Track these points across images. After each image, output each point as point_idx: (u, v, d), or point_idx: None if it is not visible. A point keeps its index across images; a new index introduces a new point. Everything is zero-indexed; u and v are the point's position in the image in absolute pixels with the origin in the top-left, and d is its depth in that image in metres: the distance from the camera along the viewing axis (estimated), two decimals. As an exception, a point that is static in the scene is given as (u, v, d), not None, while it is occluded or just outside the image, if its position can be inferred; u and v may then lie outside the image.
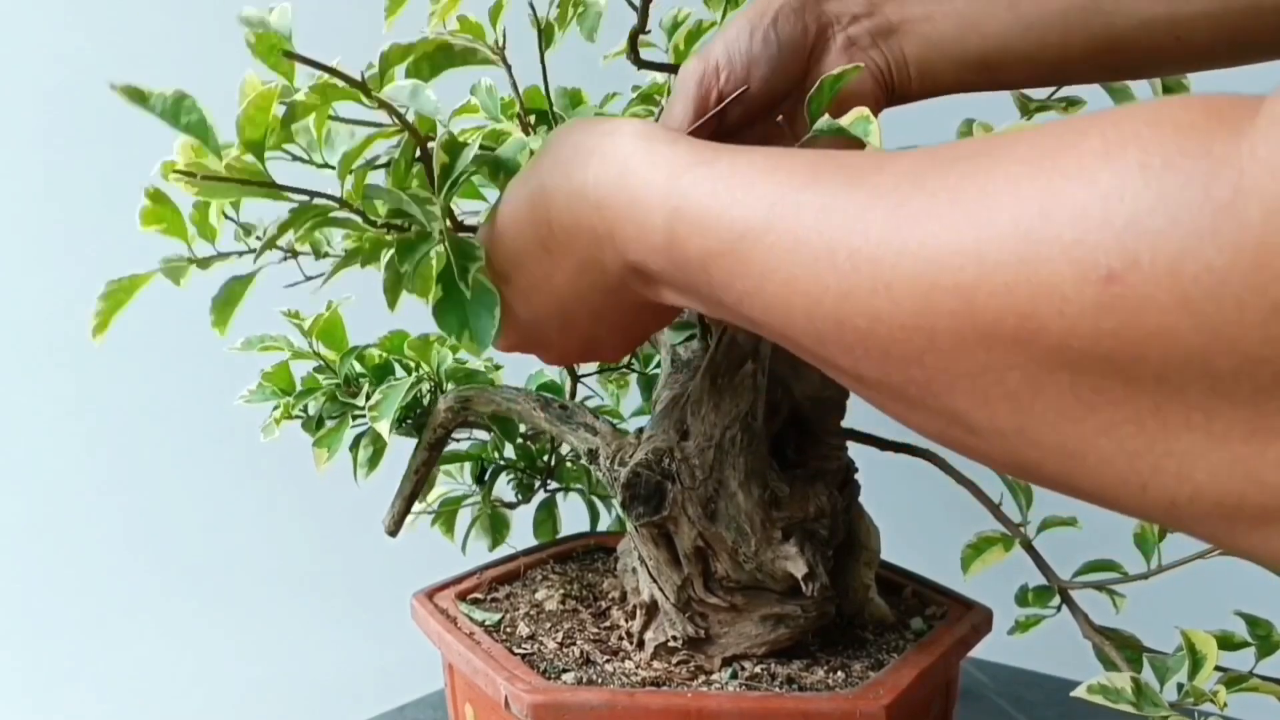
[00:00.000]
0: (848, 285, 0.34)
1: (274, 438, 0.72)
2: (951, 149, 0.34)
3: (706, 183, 0.41)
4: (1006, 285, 0.29)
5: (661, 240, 0.43)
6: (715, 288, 0.41)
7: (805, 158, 0.39)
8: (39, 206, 1.15)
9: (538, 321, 0.53)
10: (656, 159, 0.44)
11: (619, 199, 0.45)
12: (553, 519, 0.85)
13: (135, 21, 1.14)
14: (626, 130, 0.47)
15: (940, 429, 0.35)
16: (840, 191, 0.36)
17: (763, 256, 0.38)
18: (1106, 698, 0.53)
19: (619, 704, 0.56)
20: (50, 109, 1.13)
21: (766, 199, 0.38)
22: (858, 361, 0.35)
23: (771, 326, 0.39)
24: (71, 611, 1.20)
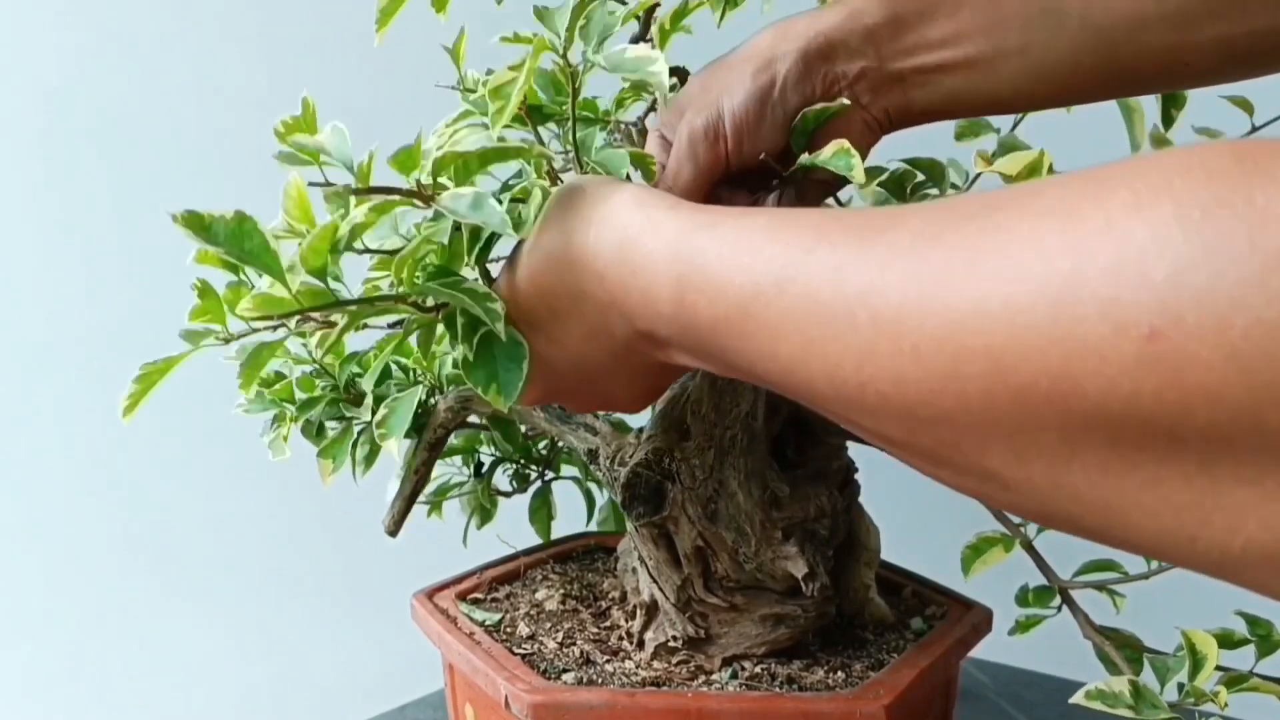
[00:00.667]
0: (869, 347, 0.33)
1: (284, 457, 0.72)
2: (964, 203, 0.33)
3: (712, 247, 0.40)
4: (1039, 346, 0.28)
5: (669, 308, 0.42)
6: (728, 352, 0.40)
7: (810, 217, 0.38)
8: (41, 207, 1.15)
9: (551, 378, 0.53)
10: (658, 226, 0.44)
11: (621, 270, 0.44)
12: (548, 507, 0.85)
13: (136, 21, 1.14)
14: (624, 197, 0.46)
15: (972, 486, 0.34)
16: (854, 250, 0.35)
17: (776, 320, 0.37)
18: (1105, 703, 0.53)
19: (619, 704, 0.56)
20: (50, 108, 1.13)
21: (776, 261, 0.37)
22: (882, 424, 0.34)
23: (790, 387, 0.38)
24: (71, 611, 1.20)
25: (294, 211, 0.47)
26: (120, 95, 1.14)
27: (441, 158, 0.47)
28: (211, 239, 0.44)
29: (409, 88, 0.63)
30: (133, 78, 1.14)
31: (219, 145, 1.16)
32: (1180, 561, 0.29)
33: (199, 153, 1.16)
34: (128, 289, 1.17)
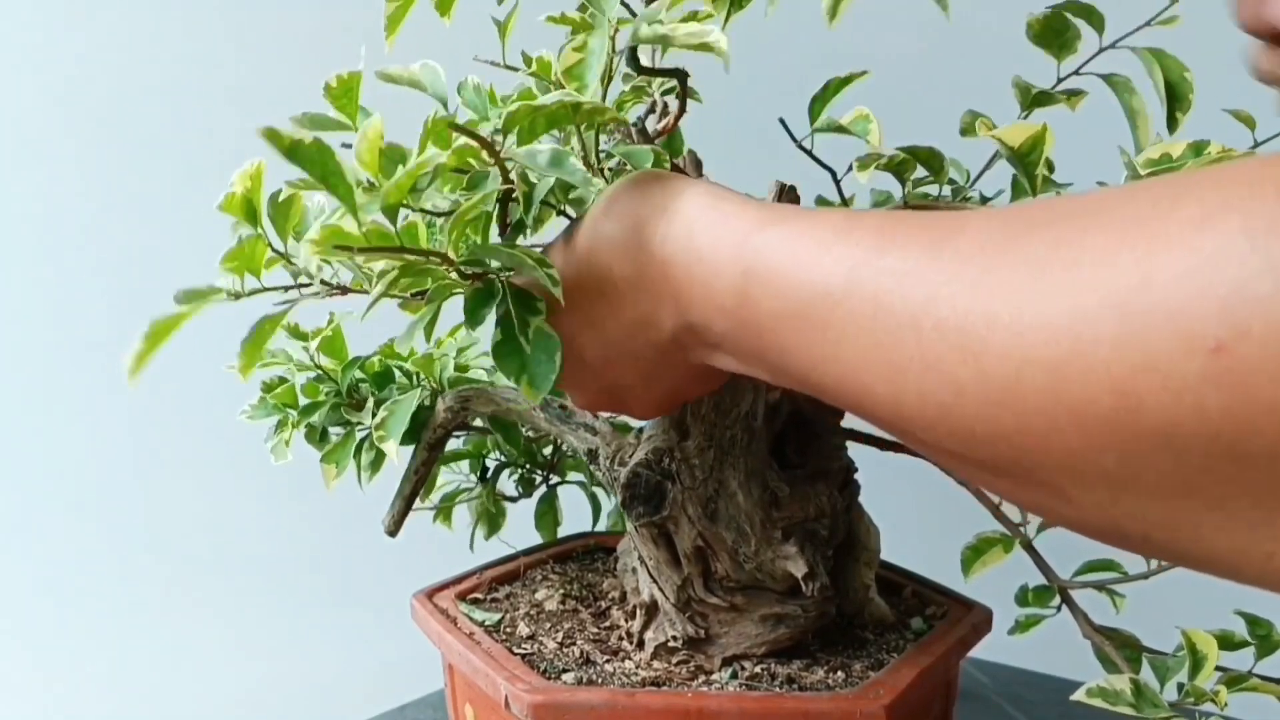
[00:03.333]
0: (933, 356, 0.33)
1: (286, 460, 0.72)
2: (1031, 212, 0.32)
3: (781, 243, 0.40)
4: (1102, 361, 0.28)
5: (730, 301, 0.42)
6: (784, 352, 0.40)
7: (878, 218, 0.38)
8: (43, 208, 1.15)
9: (577, 363, 0.52)
10: (727, 218, 0.43)
11: (686, 258, 0.44)
12: (554, 511, 0.85)
13: (142, 22, 1.14)
14: (696, 190, 0.46)
15: (1031, 499, 0.33)
16: (921, 257, 0.34)
17: (840, 321, 0.36)
18: (1106, 700, 0.53)
19: (619, 704, 0.56)
20: (52, 109, 1.13)
21: (844, 262, 0.37)
22: (940, 437, 0.34)
23: (844, 393, 0.38)
24: (72, 611, 1.20)
25: (364, 155, 0.46)
26: (126, 96, 1.14)
27: (515, 111, 0.46)
28: (296, 157, 0.43)
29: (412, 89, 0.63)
30: (137, 78, 1.14)
31: (223, 146, 1.16)
32: (1252, 579, 0.29)
33: (204, 154, 1.16)
34: (132, 289, 1.17)
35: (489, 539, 0.83)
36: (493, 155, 0.47)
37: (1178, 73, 0.64)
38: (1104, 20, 0.65)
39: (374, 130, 0.45)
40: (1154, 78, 0.63)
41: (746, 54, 0.56)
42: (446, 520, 0.83)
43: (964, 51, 1.01)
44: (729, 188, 0.48)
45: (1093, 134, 0.69)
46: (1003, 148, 0.56)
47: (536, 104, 0.46)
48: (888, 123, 0.66)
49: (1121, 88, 0.66)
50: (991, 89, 0.70)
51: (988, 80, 0.73)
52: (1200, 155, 0.55)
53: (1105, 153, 0.65)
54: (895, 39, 0.99)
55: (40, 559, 1.19)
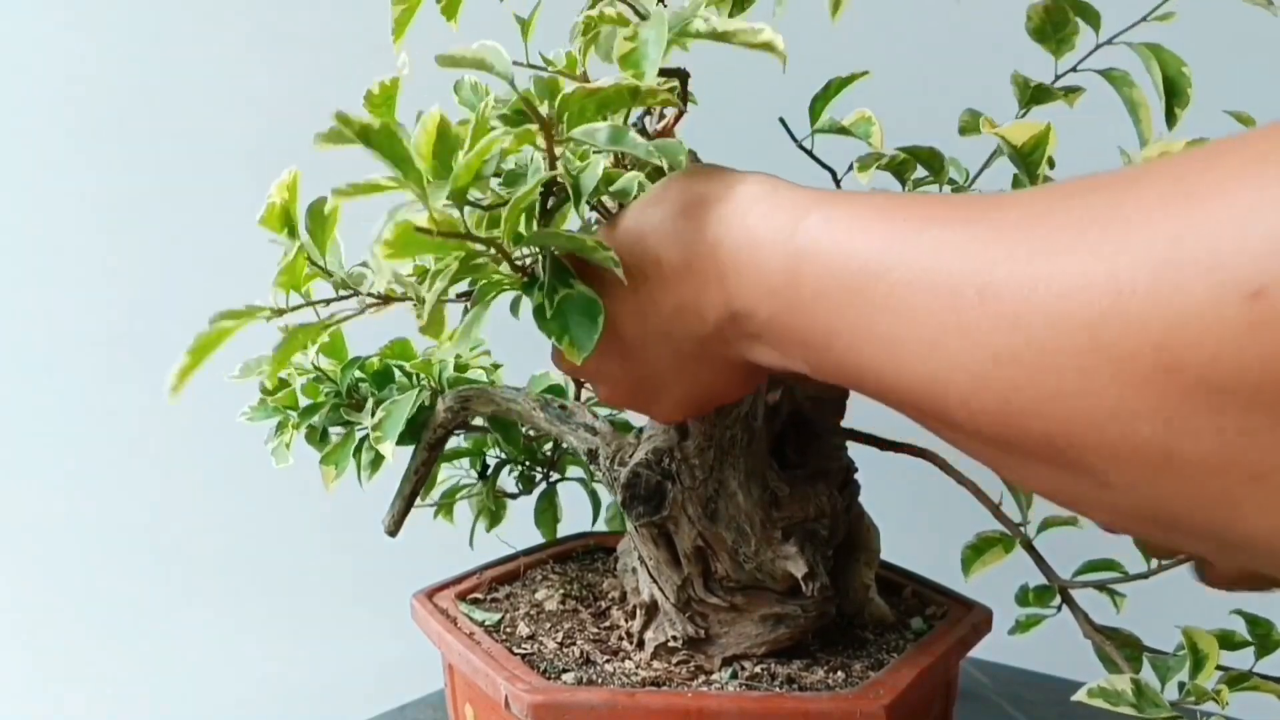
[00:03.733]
0: (972, 321, 0.32)
1: (287, 464, 0.72)
2: (1068, 185, 0.32)
3: (831, 223, 0.40)
4: (1141, 315, 0.27)
5: (779, 281, 0.42)
6: (829, 333, 0.40)
7: (921, 198, 0.38)
8: (46, 207, 1.15)
9: (609, 349, 0.52)
10: (782, 204, 0.43)
11: (738, 239, 0.44)
12: (554, 509, 0.85)
13: (153, 22, 1.14)
14: (751, 178, 0.46)
15: (1065, 485, 0.33)
16: (962, 228, 0.34)
17: (883, 293, 0.36)
18: (1107, 700, 0.53)
19: (619, 704, 0.56)
20: (56, 109, 1.13)
21: (890, 237, 0.37)
22: (975, 413, 0.33)
23: (883, 375, 0.37)
24: (73, 611, 1.20)
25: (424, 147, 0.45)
26: (129, 97, 1.14)
27: (571, 95, 0.46)
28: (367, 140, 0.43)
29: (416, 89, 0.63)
30: (143, 79, 1.14)
31: (229, 148, 1.16)
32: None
33: (209, 155, 1.16)
34: (136, 290, 1.17)
35: (489, 531, 0.83)
36: (548, 138, 0.47)
37: (1175, 68, 0.63)
38: (1100, 17, 0.65)
39: (432, 120, 0.45)
40: (1152, 73, 0.63)
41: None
42: (448, 516, 0.84)
43: (963, 52, 1.01)
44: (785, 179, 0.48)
45: (1091, 133, 0.69)
46: (1005, 146, 0.56)
47: (592, 88, 0.45)
48: (887, 122, 0.66)
49: (1120, 81, 0.66)
50: (990, 89, 0.70)
51: (986, 80, 0.73)
52: (1199, 154, 0.55)
53: (1103, 152, 0.65)
54: (895, 39, 0.99)
55: (41, 559, 1.19)
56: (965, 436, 0.36)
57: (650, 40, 0.45)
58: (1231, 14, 0.61)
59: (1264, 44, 0.75)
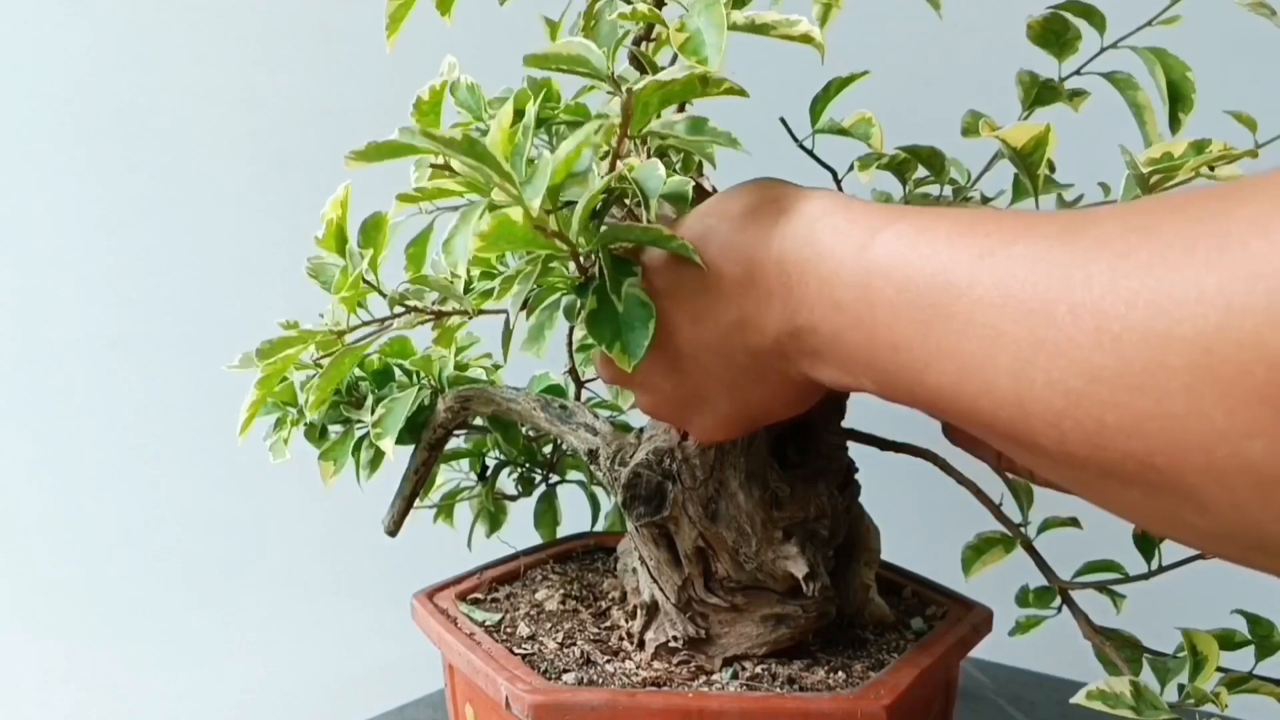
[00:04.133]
0: (1065, 340, 0.31)
1: (285, 459, 0.72)
2: (1168, 199, 0.31)
3: (904, 238, 0.39)
4: (1254, 333, 0.26)
5: (848, 296, 0.41)
6: (898, 349, 0.39)
7: (1008, 214, 0.37)
8: (46, 207, 1.15)
9: (660, 359, 0.51)
10: (853, 215, 0.43)
11: (805, 253, 0.43)
12: (553, 510, 0.85)
13: (148, 22, 1.14)
14: (819, 193, 0.45)
15: (1158, 508, 0.32)
16: (1054, 245, 0.33)
17: (966, 310, 0.35)
18: (1106, 703, 0.53)
19: (620, 704, 0.56)
20: (55, 109, 1.13)
21: (971, 251, 0.36)
22: (1065, 434, 0.32)
23: (961, 392, 0.36)
24: (71, 611, 1.20)
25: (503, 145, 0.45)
26: (131, 97, 1.14)
27: (644, 89, 0.45)
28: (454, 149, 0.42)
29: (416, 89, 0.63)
30: (142, 79, 1.14)
31: (226, 147, 1.16)
32: None
33: (206, 154, 1.16)
34: (135, 289, 1.17)
35: (490, 536, 0.83)
36: (622, 135, 0.47)
37: (1180, 72, 0.63)
38: (1105, 20, 0.65)
39: (507, 116, 0.45)
40: (1156, 78, 0.63)
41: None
42: (448, 518, 0.84)
43: (965, 52, 1.01)
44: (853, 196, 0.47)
45: (1092, 134, 0.69)
46: (1005, 148, 0.56)
47: (664, 80, 0.45)
48: (888, 123, 0.66)
49: (1124, 84, 0.66)
50: (992, 89, 0.70)
51: (989, 80, 0.73)
52: (1202, 154, 0.55)
53: (1104, 153, 0.65)
54: (896, 39, 0.99)
55: (41, 559, 1.19)
56: (1050, 459, 0.34)
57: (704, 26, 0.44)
58: (1233, 15, 0.61)
59: (1264, 44, 0.75)
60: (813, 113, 0.65)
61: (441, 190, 0.45)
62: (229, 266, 1.18)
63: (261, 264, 1.17)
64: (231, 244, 1.18)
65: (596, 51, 0.47)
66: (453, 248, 0.45)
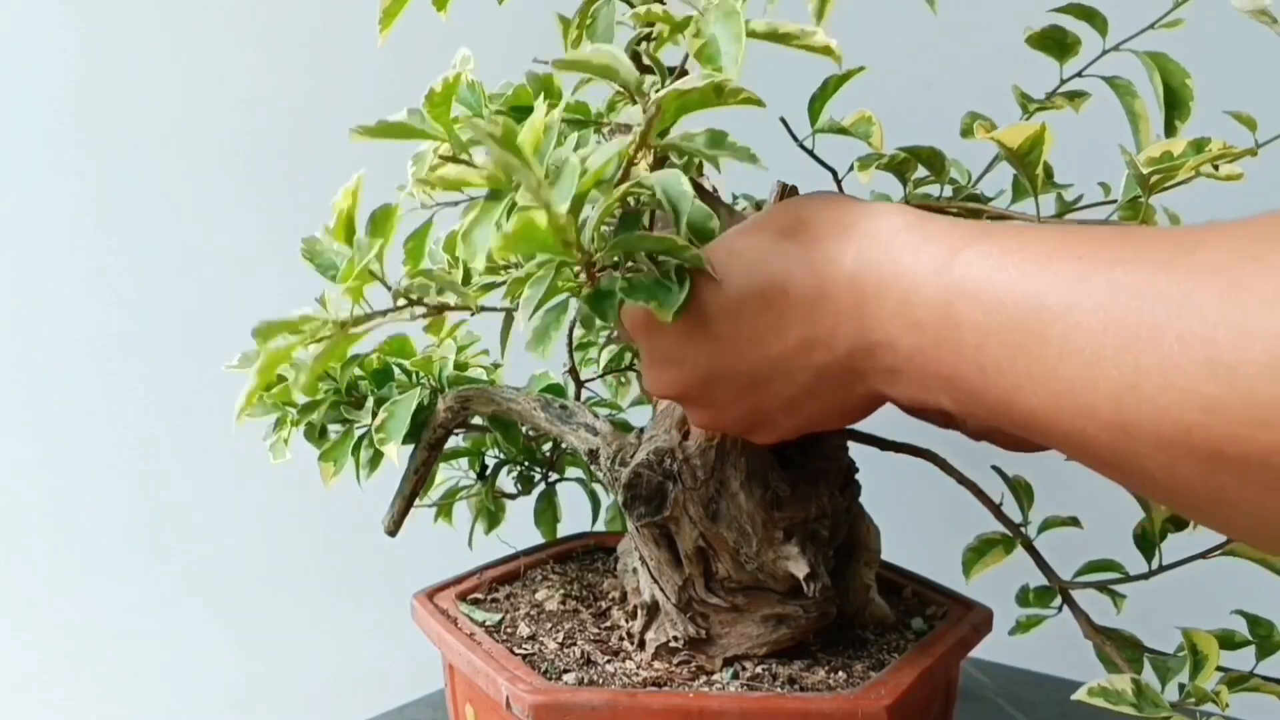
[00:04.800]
0: (1174, 372, 0.31)
1: (285, 459, 0.72)
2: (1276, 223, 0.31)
3: (989, 258, 0.39)
4: None
5: (928, 316, 0.40)
6: (985, 371, 0.38)
7: (1101, 235, 0.37)
8: (45, 207, 1.15)
9: (720, 376, 0.50)
10: (931, 236, 0.42)
11: (881, 272, 0.43)
12: (553, 509, 0.85)
13: (142, 22, 1.14)
14: (892, 208, 0.45)
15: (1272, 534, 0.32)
16: (1157, 271, 0.33)
17: (1060, 337, 0.35)
18: (1107, 700, 0.53)
19: (620, 704, 0.56)
20: (53, 108, 1.13)
21: (1067, 276, 0.35)
22: (1174, 460, 0.32)
23: (1058, 416, 0.36)
24: (71, 611, 1.20)
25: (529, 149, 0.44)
26: (129, 96, 1.14)
27: (664, 98, 0.45)
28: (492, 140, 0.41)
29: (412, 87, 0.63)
30: (138, 79, 1.14)
31: (222, 146, 1.16)
32: None
33: (203, 153, 1.16)
34: (140, 291, 1.17)
35: (488, 534, 0.83)
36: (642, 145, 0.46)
37: (1179, 79, 0.63)
38: (1107, 23, 0.65)
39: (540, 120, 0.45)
40: (1154, 83, 0.63)
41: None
42: (447, 517, 0.83)
43: (966, 52, 1.01)
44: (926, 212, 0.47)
45: (1093, 135, 0.69)
46: (1002, 149, 0.56)
47: (684, 89, 0.44)
48: (889, 123, 0.66)
49: (1123, 91, 0.66)
50: (994, 89, 0.70)
51: (991, 80, 0.73)
52: (1201, 152, 0.56)
53: (1105, 153, 0.65)
54: (897, 39, 0.99)
55: (41, 559, 1.19)
56: (1154, 484, 0.34)
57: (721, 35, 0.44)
58: (1233, 17, 0.61)
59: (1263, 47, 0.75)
60: (811, 112, 0.65)
61: (462, 179, 0.45)
62: (229, 266, 1.18)
63: (261, 264, 1.17)
64: (231, 243, 1.18)
65: (625, 61, 0.47)
66: (473, 240, 0.44)
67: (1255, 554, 0.60)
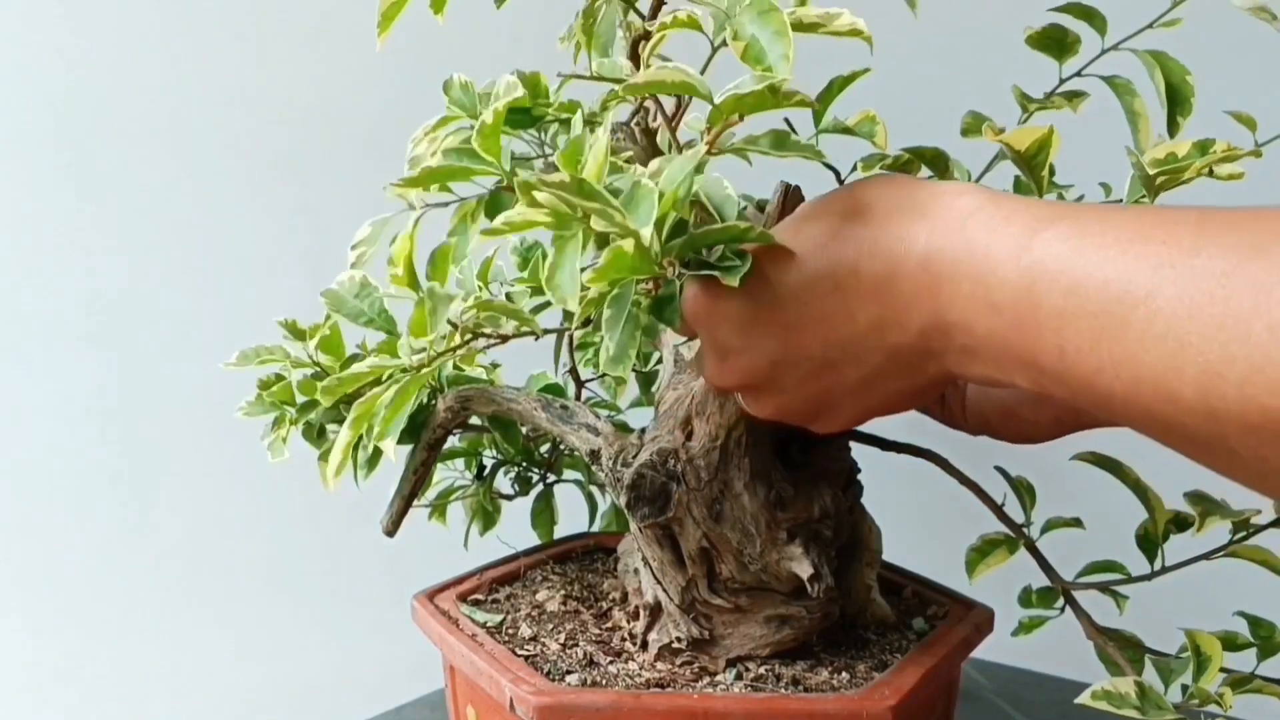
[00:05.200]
0: (1262, 358, 0.31)
1: (283, 459, 0.71)
2: None
3: (1072, 239, 0.39)
4: None
5: (1007, 296, 0.40)
6: (1064, 354, 0.38)
7: (1179, 218, 0.37)
8: (42, 207, 1.14)
9: (787, 360, 0.50)
10: (1011, 215, 0.42)
11: (957, 252, 0.42)
12: (550, 510, 0.85)
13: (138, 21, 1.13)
14: (967, 188, 0.45)
15: None
16: (1246, 258, 0.33)
17: (1143, 321, 0.35)
18: (1111, 703, 0.53)
19: (624, 705, 0.56)
20: (51, 108, 1.12)
21: (1150, 260, 0.36)
22: (1261, 444, 0.33)
23: (1138, 398, 0.36)
24: (71, 611, 1.19)
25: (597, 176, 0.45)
26: (123, 96, 1.13)
27: (724, 103, 0.45)
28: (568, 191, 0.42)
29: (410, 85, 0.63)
30: (135, 78, 1.13)
31: (220, 145, 1.15)
32: None
33: (200, 152, 1.16)
34: (129, 289, 1.17)
35: (483, 535, 0.82)
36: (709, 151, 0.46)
37: (1179, 76, 0.63)
38: (1106, 23, 0.65)
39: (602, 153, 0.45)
40: (1155, 81, 0.63)
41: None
42: (441, 518, 0.83)
43: (967, 51, 1.01)
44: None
45: (1094, 135, 0.69)
46: (1009, 151, 0.56)
47: (742, 92, 0.44)
48: (890, 120, 0.66)
49: (1123, 90, 0.66)
50: (995, 89, 0.70)
51: (991, 80, 0.73)
52: (1206, 154, 0.55)
53: (1106, 154, 0.66)
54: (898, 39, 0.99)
55: (40, 559, 1.18)
56: (1241, 464, 0.35)
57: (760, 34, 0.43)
58: (1233, 16, 0.61)
59: (1263, 45, 0.75)
60: (816, 113, 0.65)
61: (529, 222, 0.45)
62: (226, 266, 1.17)
63: (261, 263, 1.16)
64: (231, 243, 1.17)
65: (697, 76, 0.47)
66: (559, 284, 0.44)
67: (1258, 555, 0.60)
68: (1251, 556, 0.60)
